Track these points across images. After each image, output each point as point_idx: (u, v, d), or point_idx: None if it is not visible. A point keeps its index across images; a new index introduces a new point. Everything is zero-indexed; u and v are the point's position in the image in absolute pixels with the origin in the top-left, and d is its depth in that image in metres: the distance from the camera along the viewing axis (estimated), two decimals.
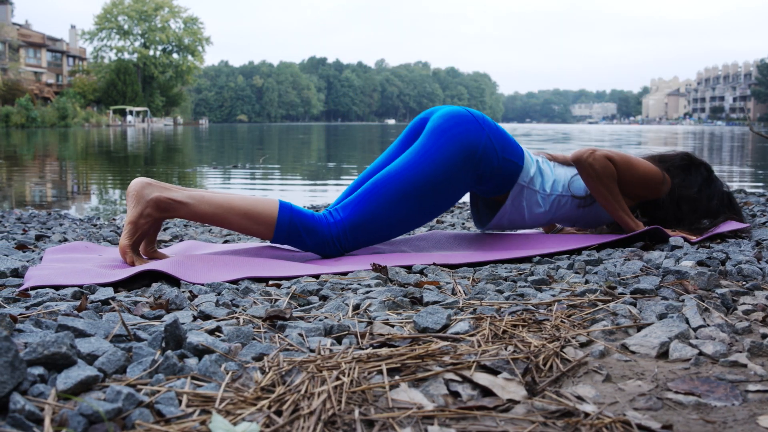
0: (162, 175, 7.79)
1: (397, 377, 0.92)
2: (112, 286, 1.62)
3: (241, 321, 1.23)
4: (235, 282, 1.65)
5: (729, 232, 2.17)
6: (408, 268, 1.79)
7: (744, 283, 1.48)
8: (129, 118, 53.38)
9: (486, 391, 0.90)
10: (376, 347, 1.07)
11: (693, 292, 1.38)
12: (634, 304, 1.31)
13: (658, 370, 0.99)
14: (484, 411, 0.83)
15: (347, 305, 1.33)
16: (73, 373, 0.86)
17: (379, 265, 1.70)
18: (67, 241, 2.63)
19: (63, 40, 62.80)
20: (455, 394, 0.89)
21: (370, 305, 1.33)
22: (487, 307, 1.29)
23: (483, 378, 0.92)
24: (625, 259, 1.76)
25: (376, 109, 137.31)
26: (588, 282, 1.54)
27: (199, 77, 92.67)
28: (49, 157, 12.00)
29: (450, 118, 2.00)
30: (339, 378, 0.90)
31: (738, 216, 2.28)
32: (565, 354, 1.03)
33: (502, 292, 1.47)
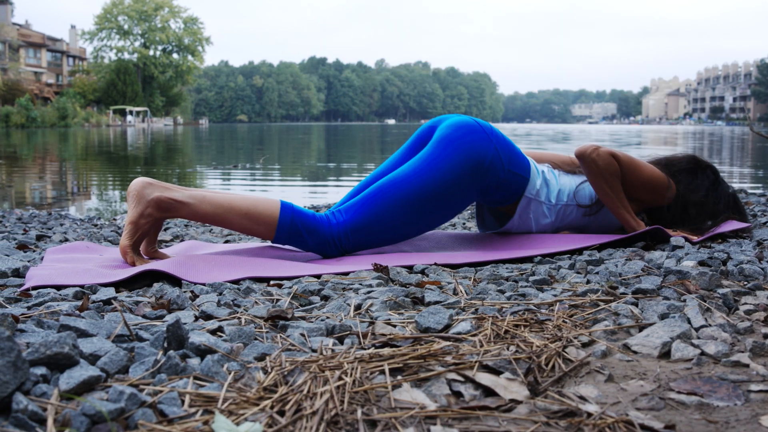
0: (162, 175, 7.78)
1: (399, 377, 0.92)
2: (114, 286, 1.62)
3: (243, 321, 1.23)
4: (236, 282, 1.65)
5: (730, 232, 2.17)
6: (409, 268, 1.79)
7: (745, 283, 1.48)
8: (129, 118, 53.37)
9: (488, 391, 0.90)
10: (378, 347, 1.07)
11: (694, 292, 1.38)
12: (636, 304, 1.31)
13: (660, 370, 0.99)
14: (486, 411, 0.83)
15: (349, 305, 1.33)
16: (76, 373, 0.86)
17: (380, 265, 1.70)
18: (68, 241, 2.63)
19: (63, 40, 62.82)
20: (458, 394, 0.89)
21: (372, 305, 1.33)
22: (489, 307, 1.29)
23: (485, 378, 0.92)
24: (626, 259, 1.76)
25: (376, 109, 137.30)
26: (589, 282, 1.54)
27: (199, 77, 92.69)
28: (50, 157, 12.00)
29: (459, 128, 2.00)
30: (341, 378, 0.90)
31: (741, 216, 2.28)
32: (567, 354, 1.03)
33: (503, 292, 1.47)
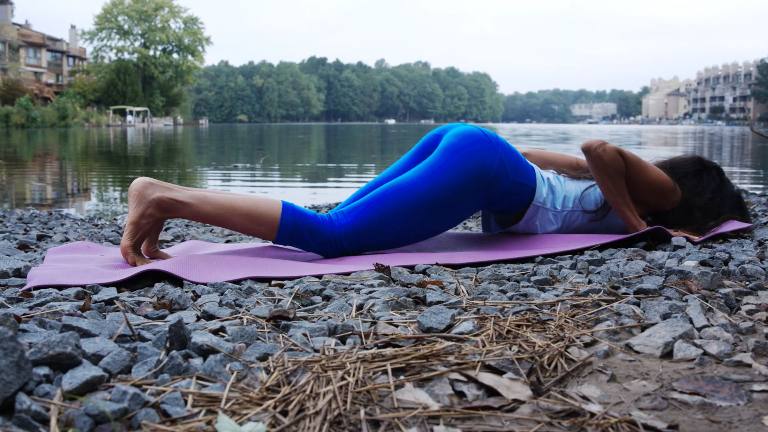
0: (162, 176, 7.78)
1: (402, 377, 0.92)
2: (115, 286, 1.62)
3: (245, 321, 1.23)
4: (238, 282, 1.65)
5: (731, 231, 2.17)
6: (411, 268, 1.79)
7: (747, 283, 1.48)
8: (129, 118, 53.37)
9: (491, 391, 0.90)
10: (380, 347, 1.07)
11: (696, 292, 1.38)
12: (638, 304, 1.31)
13: (662, 370, 0.99)
14: (489, 411, 0.83)
15: (350, 305, 1.33)
16: (79, 373, 0.86)
17: (381, 265, 1.70)
18: (68, 241, 2.63)
19: (63, 40, 62.80)
20: (460, 394, 0.89)
21: (374, 305, 1.33)
22: (491, 307, 1.29)
23: (488, 378, 0.92)
24: (627, 259, 1.76)
25: (376, 109, 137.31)
26: (591, 282, 1.54)
27: (199, 77, 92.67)
28: (50, 157, 12.00)
29: (465, 138, 2.01)
30: (344, 378, 0.90)
31: (744, 216, 2.28)
32: (569, 354, 1.03)
33: (505, 292, 1.47)
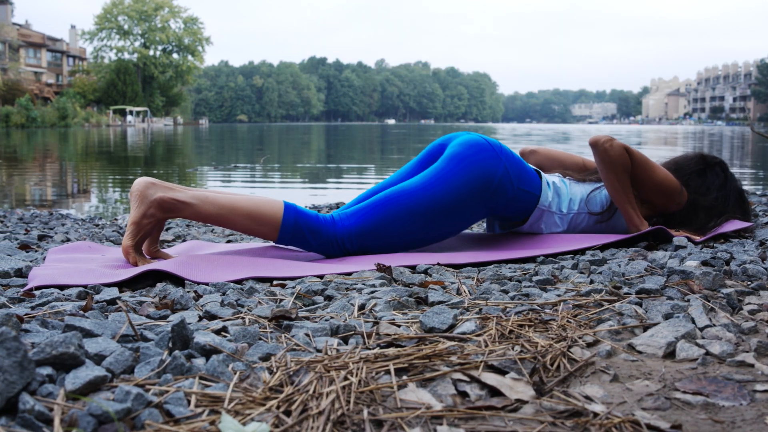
0: (162, 176, 7.78)
1: (404, 377, 0.92)
2: (117, 286, 1.62)
3: (247, 321, 1.23)
4: (239, 282, 1.65)
5: (732, 231, 2.17)
6: (412, 267, 1.79)
7: (749, 283, 1.48)
8: (129, 118, 53.36)
9: (494, 391, 0.90)
10: (383, 347, 1.07)
11: (698, 292, 1.38)
12: (640, 304, 1.31)
13: (665, 369, 0.99)
14: (492, 411, 0.83)
15: (352, 305, 1.33)
16: (82, 374, 0.86)
17: (383, 265, 1.70)
18: (69, 241, 2.63)
19: (63, 40, 62.80)
20: (463, 394, 0.89)
21: (376, 305, 1.33)
22: (493, 307, 1.29)
23: (491, 378, 0.92)
24: (629, 259, 1.76)
25: (376, 109, 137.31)
26: (593, 282, 1.54)
27: (199, 77, 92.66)
28: (50, 157, 12.00)
29: (470, 147, 2.02)
30: (347, 378, 0.90)
31: (745, 215, 2.28)
32: (572, 354, 1.03)
33: (507, 292, 1.47)
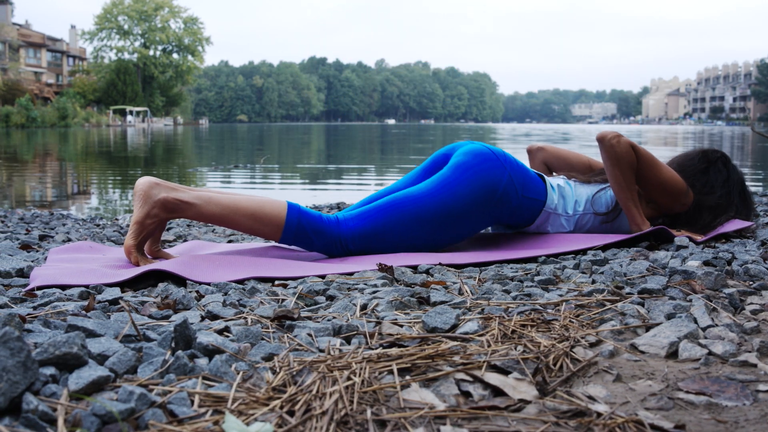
0: (163, 176, 7.78)
1: (407, 377, 0.92)
2: (119, 286, 1.62)
3: (249, 321, 1.23)
4: (241, 282, 1.65)
5: (733, 231, 2.17)
6: (414, 267, 1.79)
7: (751, 282, 1.48)
8: (129, 118, 53.35)
9: (497, 391, 0.90)
10: (385, 347, 1.07)
11: (700, 291, 1.38)
12: (642, 304, 1.31)
13: (668, 369, 0.99)
14: (495, 411, 0.83)
15: (355, 305, 1.33)
16: (85, 374, 0.86)
17: (385, 265, 1.70)
18: (70, 241, 2.63)
19: (63, 40, 62.78)
20: (466, 394, 0.89)
21: (378, 305, 1.33)
22: (495, 307, 1.29)
23: (494, 378, 0.92)
24: (631, 259, 1.76)
25: (376, 109, 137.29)
26: (595, 282, 1.54)
27: (199, 77, 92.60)
28: (51, 157, 12.00)
29: (475, 156, 2.03)
30: (350, 378, 0.90)
31: (747, 212, 2.28)
32: (574, 354, 1.03)
33: (509, 292, 1.47)
